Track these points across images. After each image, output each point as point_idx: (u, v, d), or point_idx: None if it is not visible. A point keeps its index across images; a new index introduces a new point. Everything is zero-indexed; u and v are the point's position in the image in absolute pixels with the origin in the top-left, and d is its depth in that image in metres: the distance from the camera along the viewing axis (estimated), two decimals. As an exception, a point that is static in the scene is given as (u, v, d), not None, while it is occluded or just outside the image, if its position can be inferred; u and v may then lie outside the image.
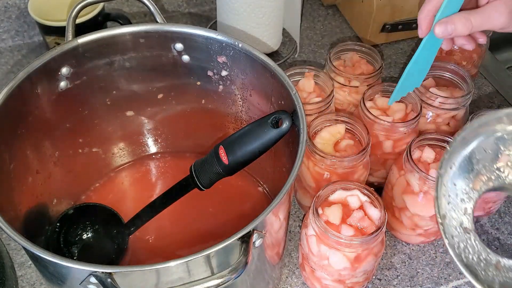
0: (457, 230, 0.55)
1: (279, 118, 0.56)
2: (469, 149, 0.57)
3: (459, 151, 0.57)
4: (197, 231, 0.70)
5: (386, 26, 0.97)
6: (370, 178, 0.77)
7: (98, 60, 0.64)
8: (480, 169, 0.58)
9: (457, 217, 0.55)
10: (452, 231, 0.54)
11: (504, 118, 0.57)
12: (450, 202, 0.55)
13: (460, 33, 0.57)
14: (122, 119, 0.72)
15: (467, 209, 0.56)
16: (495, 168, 0.58)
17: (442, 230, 0.53)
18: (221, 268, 0.48)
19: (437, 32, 0.57)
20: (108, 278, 0.45)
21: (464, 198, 0.57)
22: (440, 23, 0.57)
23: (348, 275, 0.63)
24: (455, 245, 0.54)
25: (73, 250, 0.65)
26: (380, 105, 0.75)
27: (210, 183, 0.60)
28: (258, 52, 0.61)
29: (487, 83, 0.96)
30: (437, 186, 0.55)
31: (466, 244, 0.54)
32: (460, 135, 0.56)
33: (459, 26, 0.56)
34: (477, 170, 0.57)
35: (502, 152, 0.58)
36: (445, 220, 0.54)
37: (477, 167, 0.58)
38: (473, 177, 0.57)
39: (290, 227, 0.76)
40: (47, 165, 0.65)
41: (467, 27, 0.57)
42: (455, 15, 0.57)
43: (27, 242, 0.46)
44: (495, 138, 0.58)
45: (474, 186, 0.57)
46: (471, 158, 0.57)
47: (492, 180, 0.58)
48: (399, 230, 0.73)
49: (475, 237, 0.55)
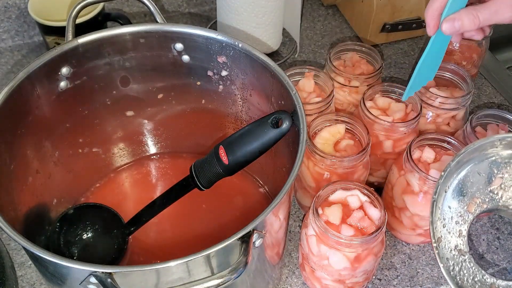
0: (452, 253, 0.55)
1: (279, 118, 0.56)
2: (463, 172, 0.58)
3: (453, 175, 0.58)
4: (197, 231, 0.70)
5: (386, 26, 0.97)
6: (370, 178, 0.77)
7: (98, 60, 0.64)
8: (474, 192, 0.59)
9: (452, 240, 0.56)
10: (447, 253, 0.55)
11: (497, 143, 0.58)
12: (445, 225, 0.56)
13: (468, 29, 0.56)
14: (122, 119, 0.72)
15: (462, 231, 0.57)
16: (488, 190, 0.59)
17: (437, 254, 0.54)
18: (221, 268, 0.48)
19: (444, 29, 0.57)
20: (108, 278, 0.45)
21: (459, 221, 0.57)
22: (447, 20, 0.56)
23: (348, 275, 0.63)
24: (450, 268, 0.54)
25: (73, 250, 0.65)
26: (380, 105, 0.75)
27: (210, 183, 0.60)
28: (258, 52, 0.61)
29: (487, 83, 0.96)
30: (432, 210, 0.55)
31: (461, 266, 0.55)
32: (454, 160, 0.56)
33: (467, 22, 0.56)
34: (471, 193, 0.58)
35: (495, 175, 0.59)
36: (440, 243, 0.55)
37: (471, 190, 0.59)
38: (467, 200, 0.58)
39: (290, 227, 0.76)
40: (47, 165, 0.65)
41: (474, 23, 0.56)
42: (462, 11, 0.56)
43: (27, 242, 0.46)
44: (489, 162, 0.59)
45: (468, 208, 0.58)
46: (465, 182, 0.58)
47: (486, 202, 0.59)
48: (399, 230, 0.73)
49: (470, 259, 0.56)
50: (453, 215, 0.57)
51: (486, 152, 0.59)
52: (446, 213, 0.57)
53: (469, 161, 0.58)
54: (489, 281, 0.56)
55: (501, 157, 0.59)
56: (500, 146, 0.59)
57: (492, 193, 0.59)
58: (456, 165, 0.57)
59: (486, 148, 0.59)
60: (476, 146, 0.58)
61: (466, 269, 0.56)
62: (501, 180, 0.59)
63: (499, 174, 0.59)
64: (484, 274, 0.56)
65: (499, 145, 0.58)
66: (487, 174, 0.59)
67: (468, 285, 0.55)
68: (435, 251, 0.54)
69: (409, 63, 0.99)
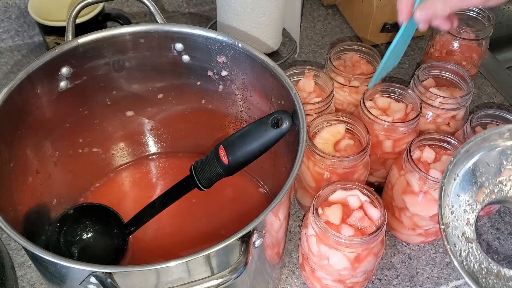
0: (460, 239, 0.55)
1: (279, 118, 0.56)
2: (472, 161, 0.58)
3: (463, 163, 0.58)
4: (197, 231, 0.70)
5: (386, 26, 0.97)
6: (370, 178, 0.77)
7: (98, 60, 0.64)
8: (483, 182, 0.59)
9: (460, 227, 0.56)
10: (454, 240, 0.55)
11: (506, 133, 0.58)
12: (454, 212, 0.56)
13: (440, 15, 0.58)
14: (122, 119, 0.72)
15: (470, 219, 0.57)
16: (497, 181, 0.59)
17: (444, 237, 0.53)
18: (221, 268, 0.48)
19: (418, 16, 0.58)
20: (108, 278, 0.45)
21: (467, 209, 0.57)
22: (421, 8, 0.58)
23: (348, 275, 0.63)
24: (457, 253, 0.54)
25: (73, 250, 0.65)
26: (380, 105, 0.75)
27: (210, 183, 0.60)
28: (258, 52, 0.61)
29: (487, 83, 0.96)
30: (441, 195, 0.55)
31: (467, 252, 0.55)
32: (464, 147, 0.57)
33: (439, 8, 0.57)
34: (480, 183, 0.58)
35: (504, 166, 0.59)
36: (448, 229, 0.55)
37: (480, 180, 0.59)
38: (476, 190, 0.58)
39: (290, 227, 0.76)
40: (47, 165, 0.65)
41: (446, 9, 0.57)
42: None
43: (27, 242, 0.46)
44: (498, 152, 0.59)
45: (477, 198, 0.58)
46: (474, 171, 0.58)
47: (494, 193, 0.59)
48: (399, 230, 0.73)
49: (477, 247, 0.56)
50: (461, 203, 0.57)
51: (496, 142, 0.59)
52: (454, 200, 0.57)
53: (479, 150, 0.58)
54: (496, 268, 0.56)
55: (511, 148, 0.59)
56: (510, 136, 0.59)
57: (501, 184, 0.59)
58: (466, 153, 0.57)
59: (496, 139, 0.59)
60: (486, 136, 0.58)
61: (473, 256, 0.56)
62: (510, 172, 0.59)
63: (508, 166, 0.59)
64: (491, 262, 0.56)
65: (508, 135, 0.59)
66: (497, 165, 0.59)
67: (476, 271, 0.55)
68: (442, 234, 0.54)
69: (409, 63, 0.99)
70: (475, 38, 0.85)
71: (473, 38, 0.85)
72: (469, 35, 0.84)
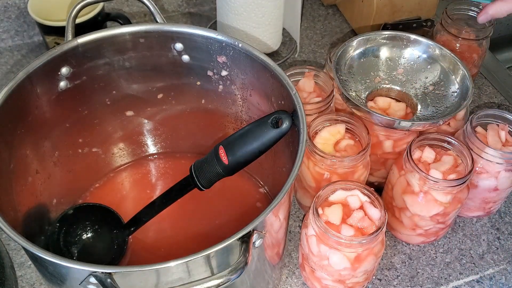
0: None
1: (279, 118, 0.56)
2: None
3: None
4: (197, 231, 0.70)
5: (386, 26, 0.97)
6: (370, 178, 0.77)
7: (98, 60, 0.64)
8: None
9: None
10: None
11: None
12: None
13: None
14: (122, 119, 0.72)
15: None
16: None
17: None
18: (221, 268, 0.48)
19: None
20: (108, 278, 0.45)
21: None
22: None
23: (348, 275, 0.63)
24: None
25: (73, 250, 0.65)
26: (380, 105, 0.74)
27: (210, 183, 0.60)
28: (258, 52, 0.61)
29: (488, 83, 0.96)
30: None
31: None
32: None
33: None
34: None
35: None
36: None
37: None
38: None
39: (290, 227, 0.75)
40: (47, 165, 0.65)
41: None
42: None
43: (27, 242, 0.46)
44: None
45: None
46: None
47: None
48: (399, 230, 0.73)
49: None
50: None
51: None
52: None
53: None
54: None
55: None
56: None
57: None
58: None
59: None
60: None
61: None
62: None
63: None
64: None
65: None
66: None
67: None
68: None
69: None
70: (475, 38, 0.84)
71: (473, 38, 0.85)
72: (469, 35, 0.84)
